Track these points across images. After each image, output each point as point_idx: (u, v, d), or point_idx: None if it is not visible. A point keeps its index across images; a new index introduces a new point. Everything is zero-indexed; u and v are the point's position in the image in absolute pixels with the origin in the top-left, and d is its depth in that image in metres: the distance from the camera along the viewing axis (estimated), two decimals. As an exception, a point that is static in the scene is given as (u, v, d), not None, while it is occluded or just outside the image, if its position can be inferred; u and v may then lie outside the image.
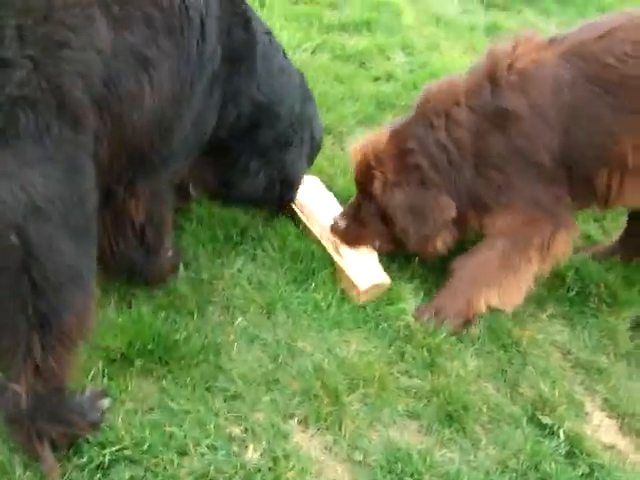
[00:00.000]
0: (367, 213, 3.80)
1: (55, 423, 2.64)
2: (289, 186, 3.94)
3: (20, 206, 2.14)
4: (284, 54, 3.66)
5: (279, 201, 3.97)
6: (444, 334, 3.48)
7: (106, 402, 2.89)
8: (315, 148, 4.12)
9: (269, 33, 3.50)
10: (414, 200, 3.65)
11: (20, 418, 2.56)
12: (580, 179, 3.64)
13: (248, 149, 3.62)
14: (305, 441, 2.96)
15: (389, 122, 4.07)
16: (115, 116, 2.52)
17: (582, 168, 3.61)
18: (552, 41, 3.64)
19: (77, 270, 2.46)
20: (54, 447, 2.67)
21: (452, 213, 3.64)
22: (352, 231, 3.80)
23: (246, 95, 3.35)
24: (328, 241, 3.82)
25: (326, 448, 2.94)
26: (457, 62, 6.21)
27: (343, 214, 3.85)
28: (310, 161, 4.15)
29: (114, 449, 2.74)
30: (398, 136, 3.72)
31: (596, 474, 3.00)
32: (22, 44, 2.12)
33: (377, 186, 3.69)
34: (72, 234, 2.38)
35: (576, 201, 3.74)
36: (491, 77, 3.57)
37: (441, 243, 3.74)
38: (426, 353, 3.42)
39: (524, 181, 3.60)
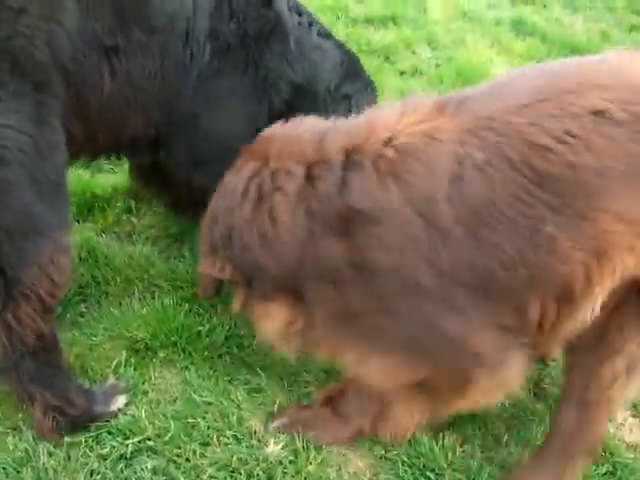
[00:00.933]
0: None
1: (46, 389, 2.67)
2: None
3: None
4: (328, 35, 3.56)
5: None
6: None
7: (122, 399, 2.90)
8: None
9: (302, 14, 3.40)
10: None
11: (5, 369, 2.63)
12: (503, 307, 2.41)
13: None
14: (327, 435, 2.96)
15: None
16: (77, 94, 2.62)
17: (507, 292, 2.38)
18: (444, 106, 2.42)
19: (42, 220, 2.48)
20: (58, 426, 2.72)
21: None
22: None
23: (283, 78, 3.31)
24: None
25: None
26: (483, 57, 6.20)
27: None
28: None
29: (137, 440, 2.76)
30: None
31: (619, 473, 2.96)
32: None
33: None
34: (37, 183, 2.42)
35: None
36: (352, 154, 2.36)
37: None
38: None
39: (382, 312, 2.42)
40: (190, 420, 2.85)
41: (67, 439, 2.74)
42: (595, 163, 2.22)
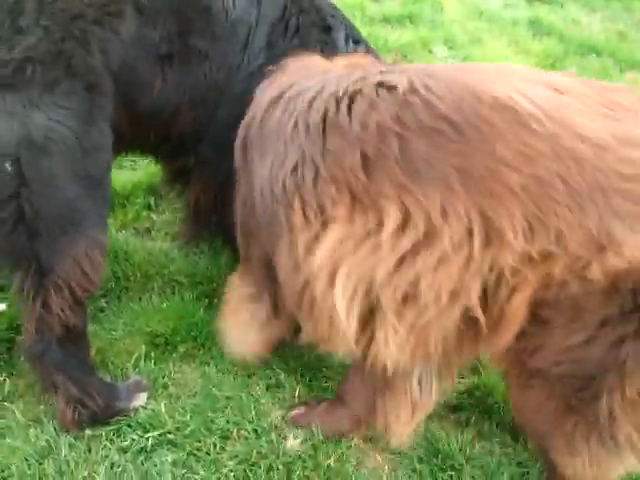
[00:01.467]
0: None
1: (69, 380, 2.71)
2: None
3: (15, 137, 2.32)
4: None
5: None
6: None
7: (144, 396, 2.92)
8: None
9: (359, 42, 3.35)
10: None
11: (32, 356, 2.68)
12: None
13: None
14: (345, 430, 2.96)
15: None
16: (127, 95, 2.71)
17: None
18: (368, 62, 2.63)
19: (82, 215, 2.54)
20: (80, 418, 2.75)
21: None
22: None
23: None
24: None
25: (366, 437, 2.94)
26: (499, 56, 6.19)
27: None
28: None
29: (157, 433, 2.79)
30: None
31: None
32: (38, 16, 2.40)
33: None
34: (79, 179, 2.49)
35: None
36: None
37: None
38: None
39: None
40: (210, 414, 2.87)
41: (88, 432, 2.77)
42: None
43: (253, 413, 2.90)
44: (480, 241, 1.92)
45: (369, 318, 2.17)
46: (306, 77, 2.43)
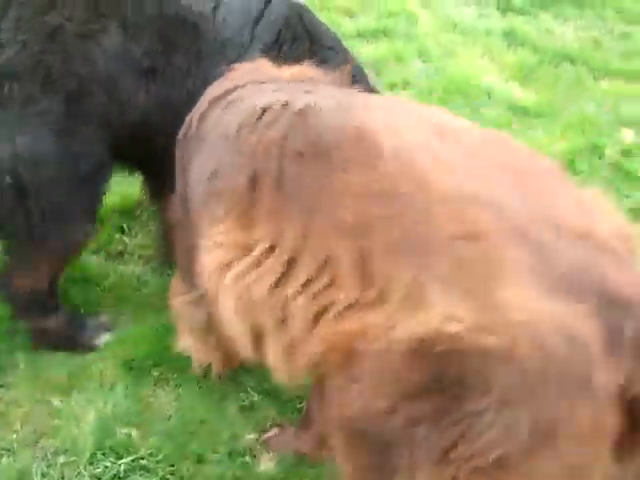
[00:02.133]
0: None
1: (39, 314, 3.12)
2: None
3: (8, 155, 2.55)
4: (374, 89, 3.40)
5: None
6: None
7: (106, 337, 3.27)
8: None
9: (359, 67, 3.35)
10: None
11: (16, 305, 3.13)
12: None
13: None
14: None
15: None
16: (117, 108, 2.80)
17: None
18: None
19: (69, 215, 2.84)
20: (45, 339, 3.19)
21: None
22: None
23: None
24: None
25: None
26: (473, 67, 6.21)
27: None
28: None
29: (130, 459, 2.78)
30: None
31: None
32: (17, 31, 2.50)
33: None
34: (70, 181, 2.74)
35: None
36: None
37: None
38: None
39: None
40: (183, 438, 2.86)
41: (61, 459, 2.76)
42: None
43: (227, 436, 2.89)
44: (325, 281, 1.86)
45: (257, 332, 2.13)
46: (251, 82, 2.44)
